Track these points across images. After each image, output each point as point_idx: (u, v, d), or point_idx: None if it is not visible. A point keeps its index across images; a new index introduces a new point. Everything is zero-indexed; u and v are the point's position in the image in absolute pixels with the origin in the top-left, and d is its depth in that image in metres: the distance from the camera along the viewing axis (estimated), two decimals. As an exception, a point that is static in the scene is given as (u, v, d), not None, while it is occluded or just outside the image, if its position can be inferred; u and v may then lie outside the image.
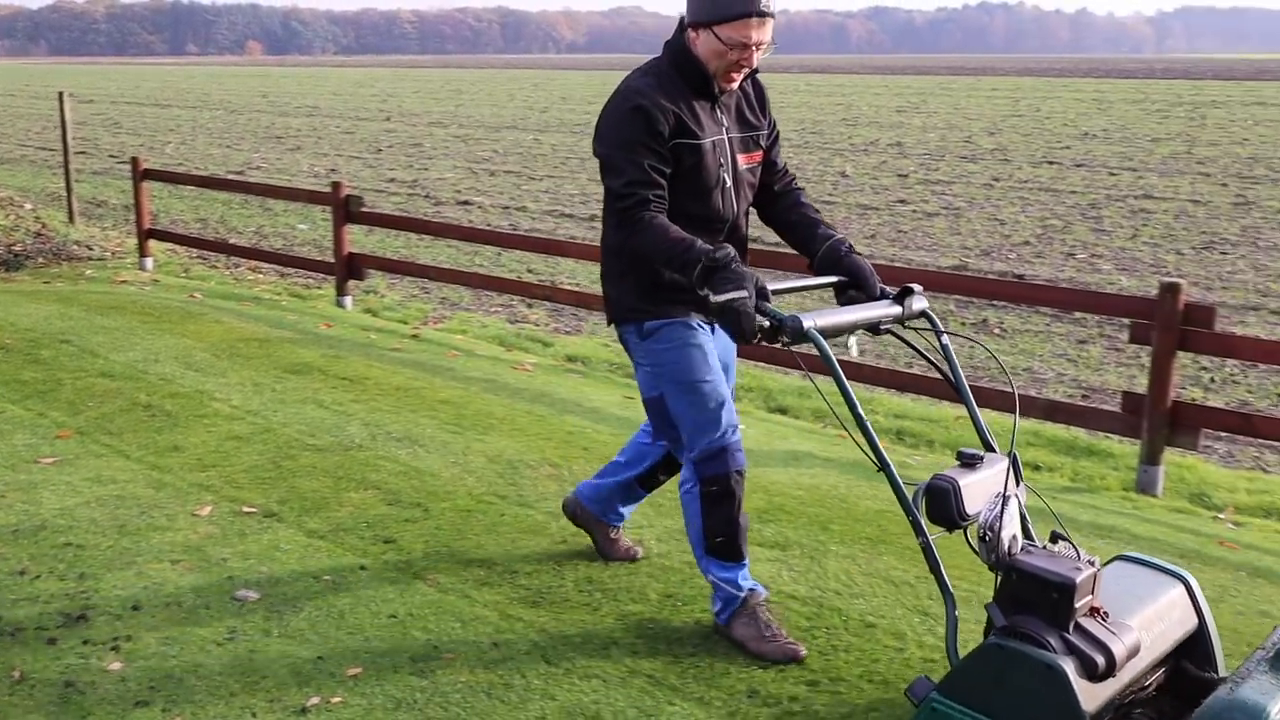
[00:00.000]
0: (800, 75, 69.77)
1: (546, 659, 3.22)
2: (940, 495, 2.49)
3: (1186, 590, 2.61)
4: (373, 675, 3.13)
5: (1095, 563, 2.39)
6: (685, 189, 3.10)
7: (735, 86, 3.17)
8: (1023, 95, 45.73)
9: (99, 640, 3.31)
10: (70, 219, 12.11)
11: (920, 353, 3.03)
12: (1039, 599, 2.32)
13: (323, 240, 12.73)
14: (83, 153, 22.13)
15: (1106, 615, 2.36)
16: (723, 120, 3.19)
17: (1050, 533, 2.56)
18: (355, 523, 4.20)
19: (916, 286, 2.97)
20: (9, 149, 24.62)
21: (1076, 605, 2.29)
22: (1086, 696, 2.22)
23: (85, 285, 9.18)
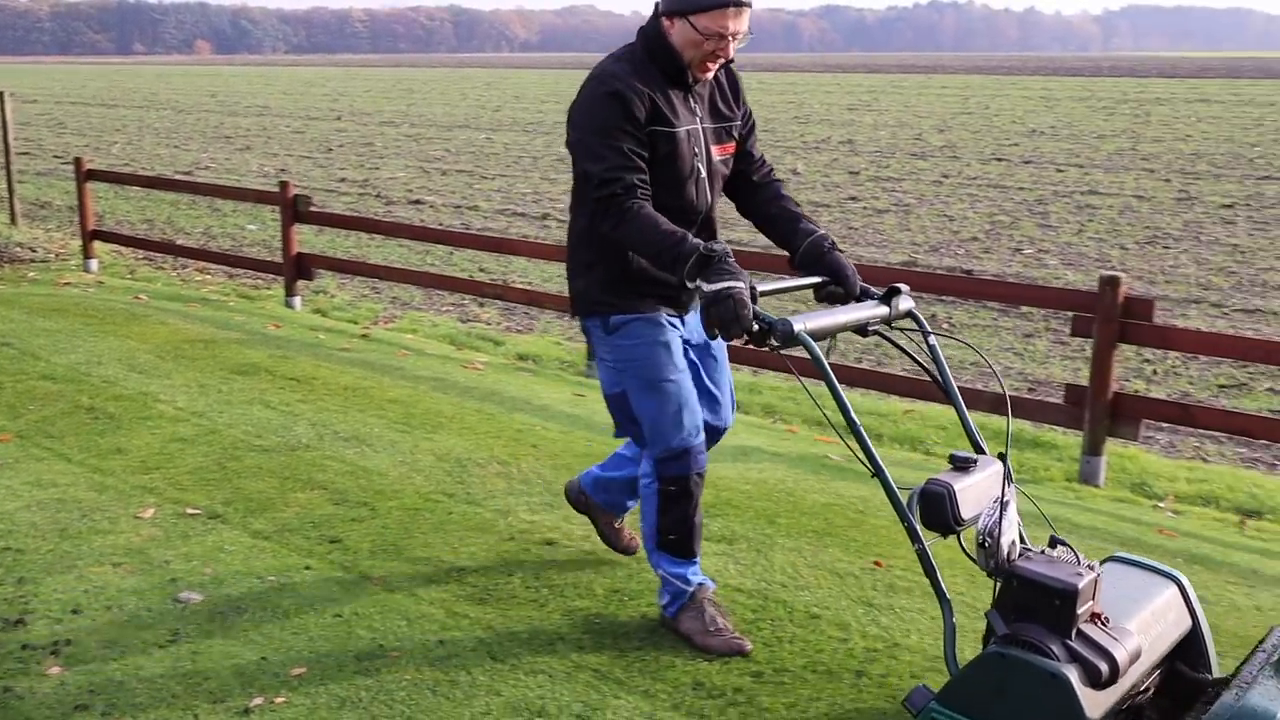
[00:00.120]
0: (753, 74, 69.99)
1: (492, 655, 3.22)
2: (935, 500, 2.45)
3: (1180, 591, 2.58)
4: (317, 675, 3.12)
5: (1095, 567, 2.36)
6: (658, 179, 3.03)
7: (710, 76, 3.12)
8: (972, 93, 46.21)
9: (38, 645, 3.27)
10: (12, 221, 11.92)
11: (908, 354, 2.97)
12: (1041, 606, 2.28)
13: (272, 241, 12.61)
14: (25, 153, 21.77)
15: (1107, 621, 2.32)
16: (696, 110, 3.12)
17: (1049, 537, 2.52)
18: (301, 523, 4.17)
19: (903, 287, 2.92)
20: (-50, 150, 24.14)
21: (1079, 611, 2.25)
22: (1090, 705, 2.18)
23: (28, 288, 9.04)
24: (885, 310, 2.88)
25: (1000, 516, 2.38)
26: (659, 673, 3.14)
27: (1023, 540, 2.55)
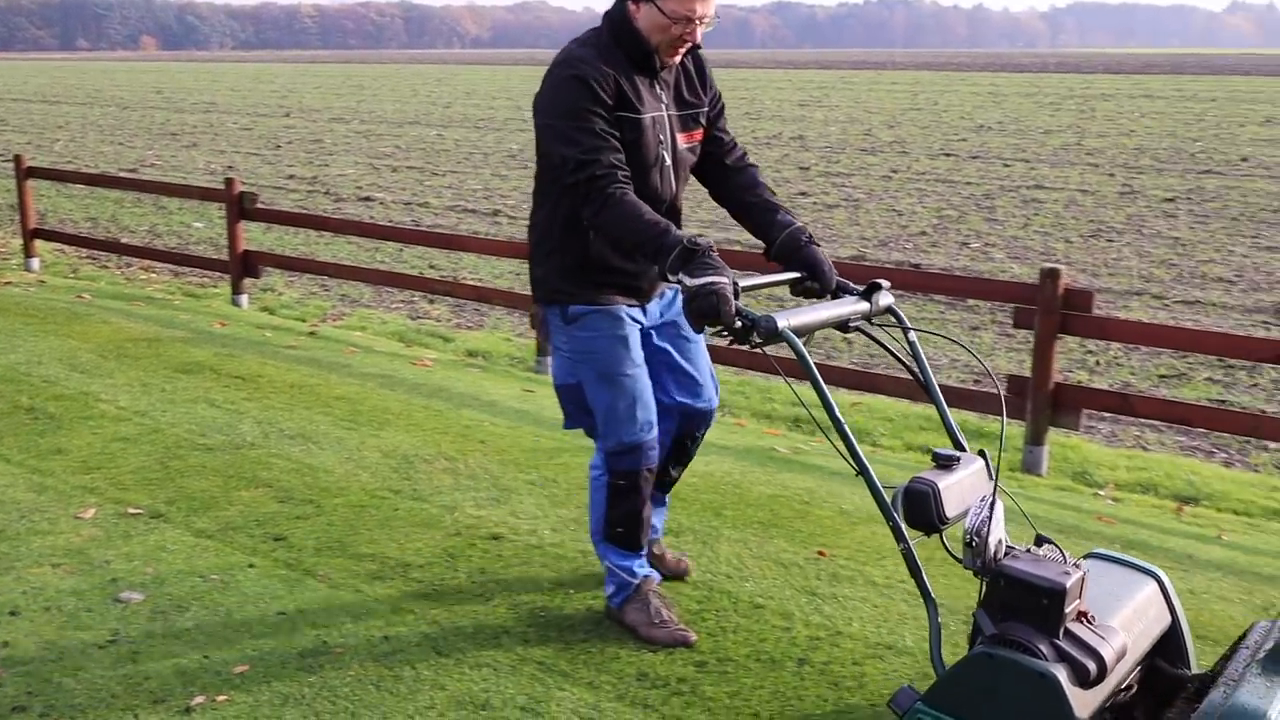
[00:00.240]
0: (705, 70, 70.04)
1: (438, 650, 3.22)
2: (920, 499, 2.42)
3: (1160, 587, 2.57)
4: (260, 672, 3.10)
5: (1081, 566, 2.34)
6: None
7: (677, 61, 3.07)
8: (921, 89, 46.62)
9: (-26, 647, 3.22)
10: (-49, 219, 11.70)
11: (889, 350, 2.91)
12: (1028, 605, 2.25)
13: (219, 239, 12.45)
14: (-35, 151, 21.37)
15: (1093, 619, 2.31)
16: (662, 97, 3.06)
17: (1035, 536, 2.50)
18: (245, 521, 4.14)
19: (884, 283, 2.88)
20: (-114, 148, 23.65)
21: (1066, 610, 2.23)
22: (1079, 704, 2.17)
23: (-34, 287, 8.88)
24: (866, 306, 2.83)
25: (988, 515, 2.36)
26: (604, 664, 3.15)
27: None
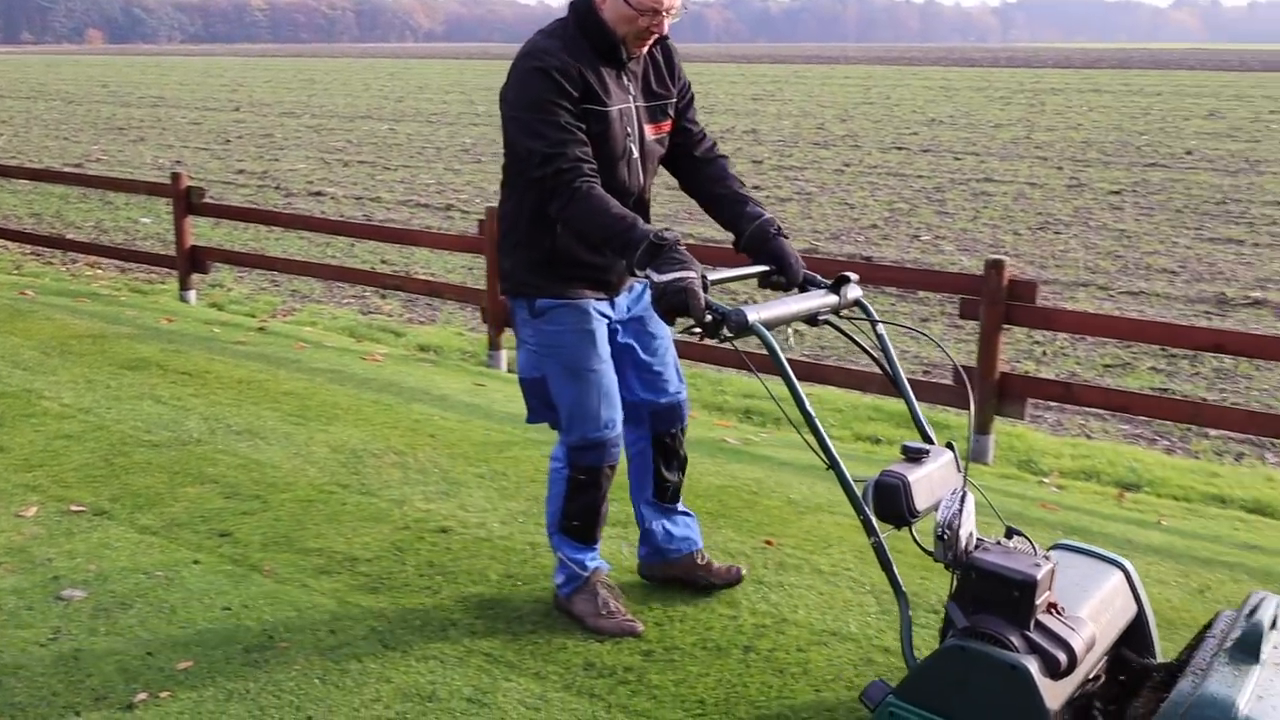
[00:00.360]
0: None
1: (384, 643, 3.22)
2: (890, 492, 2.42)
3: (1126, 577, 2.58)
4: (204, 668, 3.08)
5: (1051, 558, 2.35)
6: None
7: (644, 52, 3.03)
8: (874, 83, 46.93)
9: (-89, 648, 3.17)
10: (-111, 215, 11.47)
11: (857, 343, 2.91)
12: (1000, 598, 2.26)
13: (167, 234, 12.31)
14: (-95, 146, 20.94)
15: (1062, 610, 2.32)
16: (630, 88, 3.03)
17: (1006, 528, 2.52)
18: (190, 517, 4.10)
19: (852, 275, 2.88)
20: None
21: (1037, 602, 2.24)
22: (1050, 695, 2.18)
23: (-95, 284, 8.72)
24: (835, 299, 2.83)
25: (960, 508, 2.37)
26: (551, 655, 3.16)
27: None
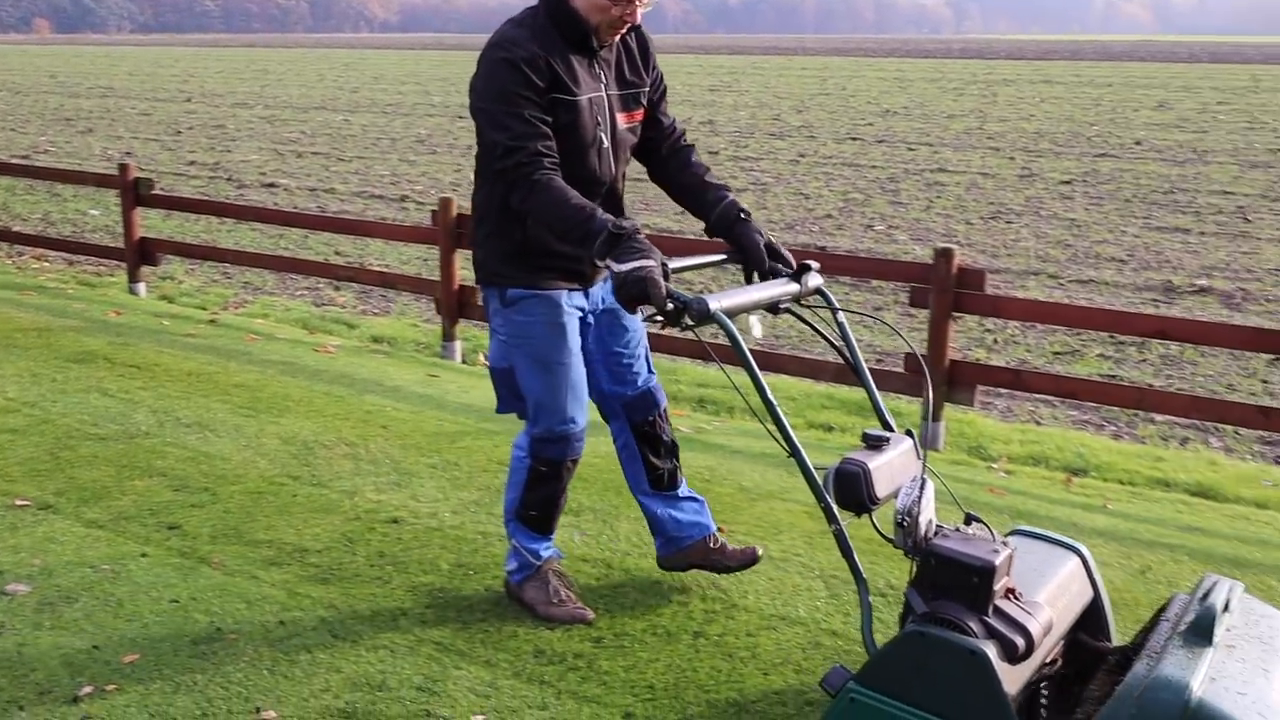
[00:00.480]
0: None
1: (334, 634, 3.21)
2: (850, 480, 2.43)
3: (1082, 562, 2.60)
4: (151, 661, 3.06)
5: (1010, 544, 2.36)
6: (560, 148, 2.91)
7: (616, 40, 3.02)
8: (830, 74, 47.12)
9: None
10: None
11: (817, 331, 2.91)
12: (959, 583, 2.27)
13: (116, 226, 12.15)
14: None
15: (1020, 595, 2.34)
16: (601, 76, 3.01)
17: (965, 515, 2.54)
18: (138, 511, 4.07)
19: (813, 264, 2.90)
20: None
21: (995, 588, 2.26)
22: (1008, 679, 2.20)
23: None
24: (796, 287, 2.84)
25: (919, 496, 2.38)
26: (501, 643, 3.17)
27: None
